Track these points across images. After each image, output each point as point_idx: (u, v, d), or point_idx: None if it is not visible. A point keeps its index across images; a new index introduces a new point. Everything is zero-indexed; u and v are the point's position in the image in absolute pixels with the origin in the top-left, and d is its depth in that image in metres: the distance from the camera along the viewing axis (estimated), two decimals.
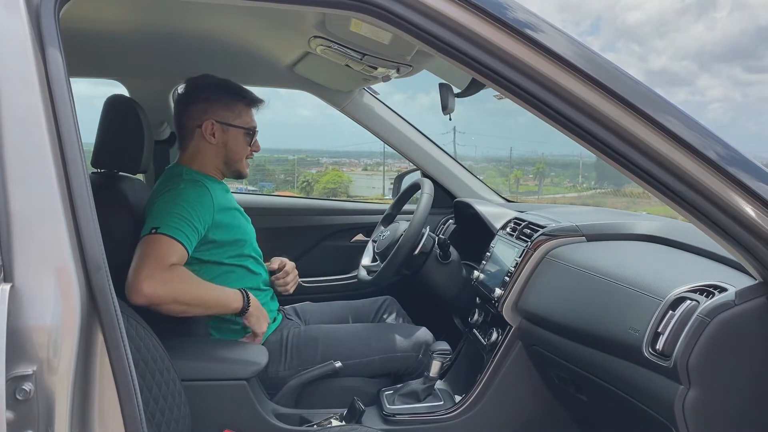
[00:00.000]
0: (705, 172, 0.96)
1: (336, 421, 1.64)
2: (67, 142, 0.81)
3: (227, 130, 1.76)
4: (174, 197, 1.62)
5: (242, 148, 1.79)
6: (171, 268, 1.52)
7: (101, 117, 1.76)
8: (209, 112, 1.75)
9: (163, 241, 1.53)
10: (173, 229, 1.55)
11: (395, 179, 2.72)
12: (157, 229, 1.54)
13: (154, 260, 1.50)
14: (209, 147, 1.76)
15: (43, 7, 0.83)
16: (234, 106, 1.77)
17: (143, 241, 1.54)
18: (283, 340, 1.79)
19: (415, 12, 0.93)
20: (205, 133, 1.74)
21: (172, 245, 1.54)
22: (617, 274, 1.38)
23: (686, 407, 1.09)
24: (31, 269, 0.77)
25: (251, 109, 1.82)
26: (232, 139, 1.77)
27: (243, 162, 1.82)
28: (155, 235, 1.53)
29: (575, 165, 26.28)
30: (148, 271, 1.48)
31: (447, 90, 1.36)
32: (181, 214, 1.58)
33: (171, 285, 1.50)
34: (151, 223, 1.56)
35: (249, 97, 1.81)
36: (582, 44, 0.98)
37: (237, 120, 1.77)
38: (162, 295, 1.48)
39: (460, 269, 2.08)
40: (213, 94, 1.76)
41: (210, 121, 1.74)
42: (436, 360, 1.74)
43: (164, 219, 1.56)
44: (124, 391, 0.80)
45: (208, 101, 1.75)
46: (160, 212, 1.58)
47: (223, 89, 1.78)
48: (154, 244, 1.53)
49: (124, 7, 1.75)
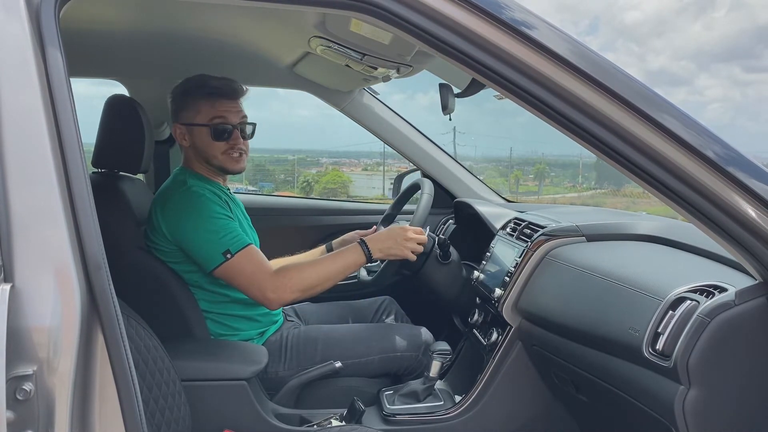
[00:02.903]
0: (705, 171, 0.96)
1: (336, 421, 1.64)
2: (67, 142, 0.81)
3: (192, 131, 1.73)
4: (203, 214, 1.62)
5: (209, 145, 1.71)
6: (278, 272, 1.62)
7: (102, 117, 1.76)
8: (175, 117, 1.76)
9: (245, 257, 1.60)
10: (238, 241, 1.60)
11: (395, 179, 2.71)
12: (229, 252, 1.58)
13: (257, 275, 1.59)
14: (188, 150, 1.76)
15: (43, 7, 0.83)
16: (193, 104, 1.72)
17: (228, 268, 1.59)
18: (282, 341, 1.79)
19: (415, 12, 0.93)
20: (179, 139, 1.75)
21: (252, 253, 1.62)
22: (617, 274, 1.38)
23: (686, 407, 1.09)
24: (31, 269, 0.77)
25: (218, 101, 1.71)
26: (198, 138, 1.72)
27: (219, 157, 1.72)
28: (234, 258, 1.58)
29: (575, 165, 26.29)
30: (264, 285, 1.59)
31: (447, 90, 1.36)
32: (225, 226, 1.62)
33: (291, 283, 1.60)
34: (213, 251, 1.59)
35: (207, 90, 1.71)
36: (581, 44, 0.98)
37: (197, 117, 1.71)
38: (291, 294, 1.60)
39: (460, 269, 2.08)
40: (178, 98, 1.76)
41: (176, 126, 1.74)
42: (436, 360, 1.73)
43: (221, 240, 1.59)
44: (124, 391, 0.80)
45: (175, 105, 1.76)
46: (209, 236, 1.60)
47: (185, 90, 1.75)
48: (242, 265, 1.60)
49: (124, 7, 1.75)
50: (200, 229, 1.61)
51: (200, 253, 1.62)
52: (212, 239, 1.60)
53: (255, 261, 1.62)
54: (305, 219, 2.69)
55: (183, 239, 1.63)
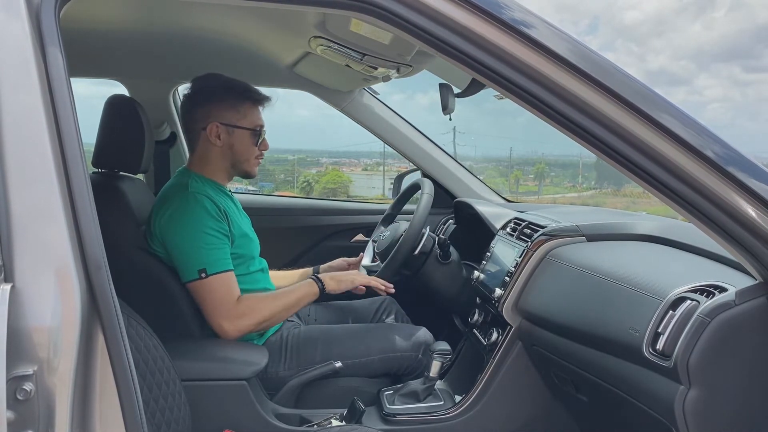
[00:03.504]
0: (705, 171, 0.96)
1: (336, 421, 1.64)
2: (67, 142, 0.81)
3: (232, 132, 1.72)
4: (194, 225, 1.61)
5: (249, 149, 1.75)
6: (239, 300, 1.62)
7: (102, 117, 1.76)
8: (213, 115, 1.71)
9: (217, 281, 1.60)
10: (217, 264, 1.60)
11: (395, 179, 2.71)
12: (205, 272, 1.58)
13: (221, 303, 1.60)
14: (215, 149, 1.73)
15: (43, 7, 0.83)
16: (239, 106, 1.72)
17: (199, 286, 1.60)
18: (282, 340, 1.79)
19: (415, 12, 0.93)
20: (210, 136, 1.71)
21: (226, 279, 1.61)
22: (617, 274, 1.38)
23: (686, 407, 1.09)
24: (31, 269, 0.77)
25: (257, 108, 1.77)
26: (238, 140, 1.73)
27: (251, 162, 1.77)
28: (207, 279, 1.59)
29: (575, 165, 26.28)
30: (223, 314, 1.60)
31: (447, 90, 1.35)
32: (211, 243, 1.61)
33: (250, 315, 1.62)
34: (191, 265, 1.59)
35: (255, 97, 1.75)
36: (581, 43, 0.98)
37: (242, 121, 1.73)
38: (247, 325, 1.63)
39: (460, 269, 2.08)
40: (217, 96, 1.72)
41: (214, 124, 1.70)
42: (436, 360, 1.73)
43: (202, 257, 1.59)
44: (124, 391, 0.80)
45: (212, 103, 1.71)
46: (192, 249, 1.60)
47: (227, 90, 1.73)
48: (212, 288, 1.60)
49: (124, 7, 1.75)
50: (187, 238, 1.60)
51: (179, 262, 1.63)
52: (193, 254, 1.60)
53: (223, 290, 1.61)
54: (305, 219, 2.69)
55: (168, 243, 1.63)
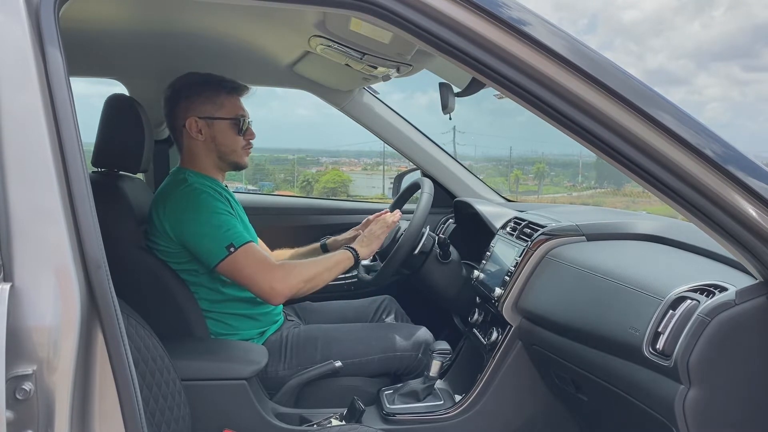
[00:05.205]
0: (705, 170, 0.96)
1: (336, 421, 1.64)
2: (67, 141, 0.81)
3: (212, 124, 1.74)
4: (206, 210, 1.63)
5: (232, 139, 1.76)
6: (277, 264, 1.65)
7: (102, 116, 1.76)
8: (190, 110, 1.74)
9: (248, 250, 1.62)
10: (241, 237, 1.63)
11: (395, 179, 2.71)
12: (233, 246, 1.60)
13: (263, 267, 1.62)
14: (199, 144, 1.75)
15: (42, 6, 0.83)
16: (215, 98, 1.74)
17: (232, 261, 1.61)
18: (282, 340, 1.79)
19: (415, 11, 0.93)
20: (191, 131, 1.74)
21: (255, 248, 1.64)
22: (617, 274, 1.38)
23: (686, 407, 1.09)
24: (31, 269, 0.77)
25: (235, 97, 1.78)
26: (220, 132, 1.75)
27: (238, 152, 1.79)
28: (237, 251, 1.60)
29: (575, 164, 26.31)
30: (269, 277, 1.62)
31: (447, 89, 1.35)
32: (227, 221, 1.64)
33: (295, 273, 1.65)
34: (216, 245, 1.60)
35: (230, 86, 1.77)
36: (580, 42, 0.98)
37: (219, 111, 1.74)
38: (296, 283, 1.65)
39: (460, 269, 2.08)
40: (193, 91, 1.75)
41: (192, 119, 1.73)
42: (436, 360, 1.74)
43: (225, 234, 1.61)
44: (124, 390, 0.80)
45: (189, 99, 1.74)
46: (213, 230, 1.62)
47: (202, 84, 1.76)
48: (246, 257, 1.62)
49: (123, 6, 1.75)
50: (203, 224, 1.61)
51: (203, 249, 1.62)
52: (215, 234, 1.61)
53: (258, 255, 1.64)
54: (305, 218, 2.69)
55: (186, 236, 1.63)
